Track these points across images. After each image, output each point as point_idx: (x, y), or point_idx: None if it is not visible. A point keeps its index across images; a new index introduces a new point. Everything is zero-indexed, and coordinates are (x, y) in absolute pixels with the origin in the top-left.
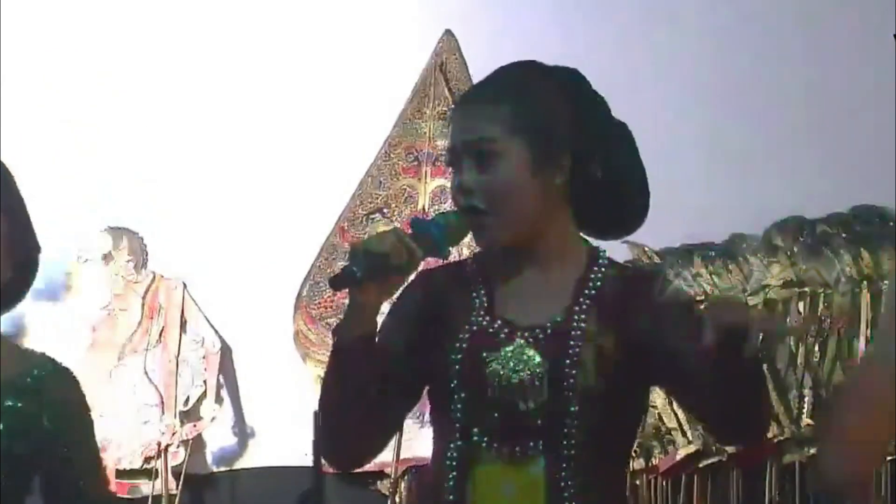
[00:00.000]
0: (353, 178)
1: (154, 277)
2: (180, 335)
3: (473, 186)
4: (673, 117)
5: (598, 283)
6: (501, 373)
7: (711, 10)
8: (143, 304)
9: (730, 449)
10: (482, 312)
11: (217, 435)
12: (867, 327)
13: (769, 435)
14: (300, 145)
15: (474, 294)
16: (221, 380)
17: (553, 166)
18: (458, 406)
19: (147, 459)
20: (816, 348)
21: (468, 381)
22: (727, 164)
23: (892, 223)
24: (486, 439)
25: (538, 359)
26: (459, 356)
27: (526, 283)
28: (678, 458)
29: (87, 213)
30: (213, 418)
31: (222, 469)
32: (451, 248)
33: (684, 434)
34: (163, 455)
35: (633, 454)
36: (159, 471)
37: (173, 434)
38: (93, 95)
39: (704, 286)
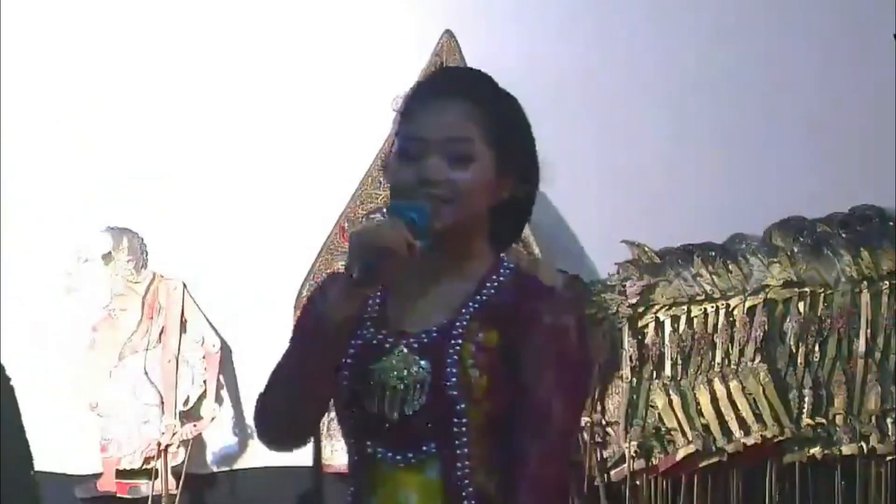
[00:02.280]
0: (353, 178)
1: (154, 277)
2: (180, 335)
3: (442, 179)
4: (673, 117)
5: (493, 291)
6: (387, 382)
7: (711, 9)
8: (143, 304)
9: (730, 449)
10: (368, 323)
11: (217, 435)
12: (867, 327)
13: (769, 435)
14: (300, 145)
15: (368, 305)
16: (221, 380)
17: (508, 178)
18: (350, 422)
19: (147, 459)
20: (816, 348)
21: (356, 394)
22: (727, 164)
23: (891, 223)
24: (380, 450)
25: (422, 362)
26: (346, 372)
27: (422, 291)
28: (678, 458)
29: (87, 213)
30: (213, 418)
31: (222, 469)
32: (430, 238)
33: (684, 434)
34: (163, 455)
35: (634, 455)
36: (159, 471)
37: (173, 434)
38: (93, 95)
39: (704, 286)
